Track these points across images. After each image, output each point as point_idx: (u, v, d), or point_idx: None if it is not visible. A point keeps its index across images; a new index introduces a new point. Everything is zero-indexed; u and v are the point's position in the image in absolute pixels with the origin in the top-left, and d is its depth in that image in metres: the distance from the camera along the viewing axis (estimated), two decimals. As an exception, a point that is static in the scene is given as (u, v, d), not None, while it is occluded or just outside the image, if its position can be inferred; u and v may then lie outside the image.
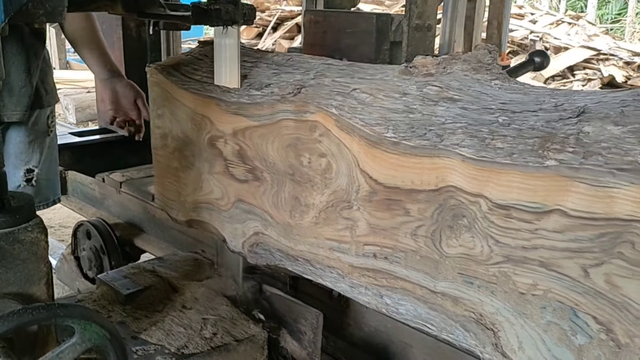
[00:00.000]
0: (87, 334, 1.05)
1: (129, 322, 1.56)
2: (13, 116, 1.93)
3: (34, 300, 1.14)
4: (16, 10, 1.01)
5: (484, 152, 1.12)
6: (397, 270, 1.29)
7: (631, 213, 0.96)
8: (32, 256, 1.13)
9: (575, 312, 1.05)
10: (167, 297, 1.68)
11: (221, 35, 1.52)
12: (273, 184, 1.47)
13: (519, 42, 9.98)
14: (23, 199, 1.16)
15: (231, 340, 1.52)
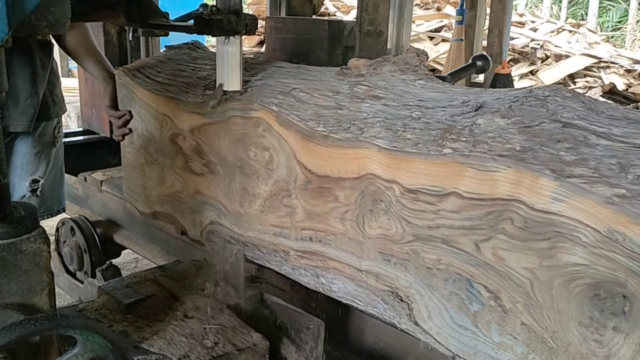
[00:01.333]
0: (89, 345, 1.07)
1: (130, 332, 1.57)
2: (19, 126, 1.95)
3: (36, 310, 1.15)
4: (20, 22, 1.02)
5: (396, 143, 1.28)
6: (329, 252, 1.45)
7: (510, 193, 1.12)
8: (35, 267, 1.13)
9: (470, 283, 1.21)
10: (169, 306, 1.69)
11: (223, 44, 1.58)
12: (225, 177, 1.63)
13: (519, 50, 10.10)
14: (26, 210, 1.17)
15: (233, 349, 1.52)
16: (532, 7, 12.51)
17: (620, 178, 1.02)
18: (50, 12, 1.08)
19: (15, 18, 1.01)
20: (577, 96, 1.22)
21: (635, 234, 0.99)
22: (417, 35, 10.45)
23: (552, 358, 1.12)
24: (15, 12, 1.00)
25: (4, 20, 0.99)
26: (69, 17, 1.13)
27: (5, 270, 1.11)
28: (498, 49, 7.56)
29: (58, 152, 2.13)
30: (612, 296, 1.03)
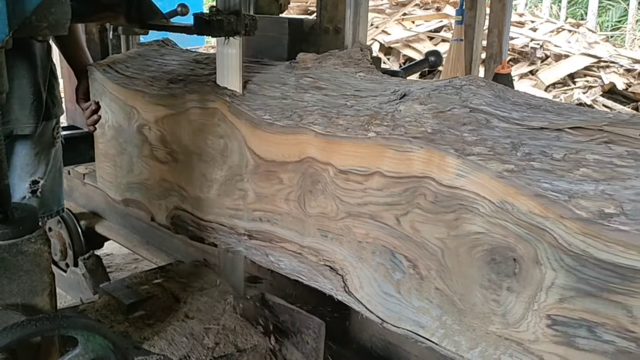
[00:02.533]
0: (90, 345, 1.09)
1: (131, 332, 1.59)
2: (25, 129, 1.97)
3: (37, 311, 1.16)
4: (20, 23, 1.03)
5: (330, 128, 1.44)
6: (276, 230, 1.62)
7: (422, 171, 1.29)
8: (36, 267, 1.15)
9: (393, 254, 1.37)
10: (170, 307, 1.71)
11: (223, 45, 1.61)
12: (187, 164, 1.80)
13: (519, 50, 10.23)
14: (26, 211, 1.19)
15: (234, 350, 1.55)
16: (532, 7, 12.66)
17: (511, 155, 1.19)
18: (51, 13, 1.10)
19: (16, 19, 1.02)
20: (490, 86, 1.38)
21: (521, 203, 1.15)
22: (417, 35, 10.61)
23: (461, 318, 1.28)
24: (15, 13, 1.02)
25: (4, 22, 1.01)
26: (69, 18, 1.15)
27: (6, 271, 1.12)
28: (498, 49, 7.68)
29: (57, 152, 2.16)
30: (505, 260, 1.19)
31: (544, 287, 1.13)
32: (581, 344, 1.11)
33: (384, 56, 10.54)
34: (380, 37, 10.64)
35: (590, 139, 1.15)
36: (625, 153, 1.11)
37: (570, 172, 1.12)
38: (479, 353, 1.26)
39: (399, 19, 11.02)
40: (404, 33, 10.76)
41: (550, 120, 1.23)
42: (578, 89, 9.45)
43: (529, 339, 1.17)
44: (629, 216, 1.03)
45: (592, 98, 9.13)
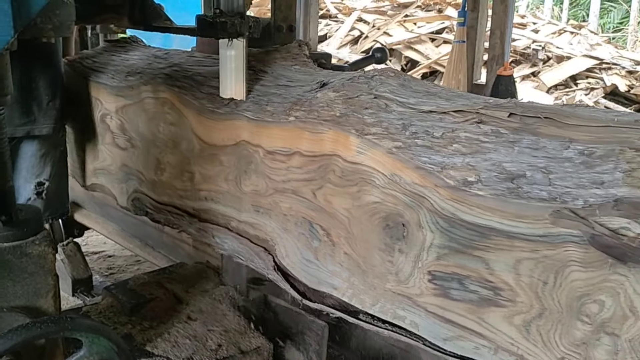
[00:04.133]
0: (95, 347, 1.10)
1: (134, 334, 1.61)
2: (44, 129, 2.04)
3: (41, 313, 1.17)
4: (25, 25, 1.04)
5: (259, 114, 1.68)
6: (219, 208, 1.85)
7: (332, 150, 1.52)
8: (40, 269, 1.16)
9: (311, 224, 1.60)
10: (173, 309, 1.74)
11: (226, 47, 1.65)
12: (143, 150, 2.04)
13: (521, 52, 10.41)
14: (31, 212, 1.21)
15: (236, 351, 1.58)
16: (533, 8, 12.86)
17: (401, 134, 1.42)
18: (55, 15, 1.13)
19: (21, 21, 1.04)
20: (397, 76, 1.61)
21: (406, 175, 1.37)
22: (419, 37, 10.81)
23: (365, 279, 1.50)
24: (20, 15, 1.03)
25: (9, 24, 1.02)
26: (73, 19, 1.19)
27: (10, 272, 1.13)
28: (500, 51, 7.86)
29: (63, 154, 2.20)
30: (396, 225, 1.41)
31: (425, 247, 1.36)
32: (454, 294, 1.33)
33: (386, 58, 10.73)
34: (382, 38, 10.84)
35: (464, 120, 1.38)
36: (490, 131, 1.33)
37: (445, 147, 1.35)
38: (379, 308, 1.48)
39: (400, 20, 11.21)
40: (405, 35, 10.95)
41: (438, 105, 1.45)
42: (580, 90, 9.62)
43: (415, 293, 1.40)
44: (484, 182, 1.25)
45: (594, 100, 9.30)
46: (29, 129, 2.03)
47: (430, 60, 10.25)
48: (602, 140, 1.20)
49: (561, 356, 1.18)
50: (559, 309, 1.17)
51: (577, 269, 1.14)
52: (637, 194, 1.08)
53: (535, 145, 1.26)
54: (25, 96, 1.98)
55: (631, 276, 1.07)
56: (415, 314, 1.41)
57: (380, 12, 11.68)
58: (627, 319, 1.09)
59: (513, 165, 1.24)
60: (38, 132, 2.06)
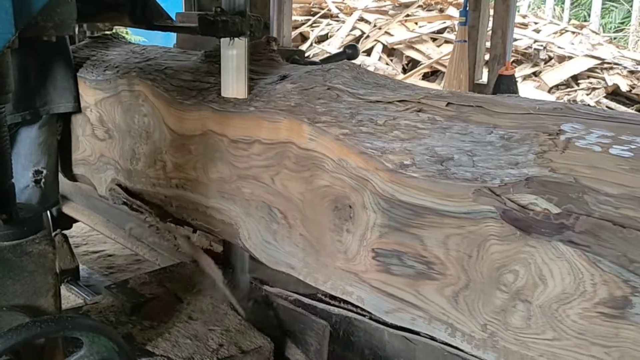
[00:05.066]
0: (95, 347, 1.11)
1: (135, 334, 1.63)
2: (60, 107, 2.16)
3: (41, 312, 1.18)
4: (26, 23, 1.05)
5: (224, 105, 1.82)
6: (188, 195, 1.99)
7: (287, 137, 1.66)
8: (40, 268, 1.17)
9: (270, 208, 1.74)
10: (173, 308, 1.77)
11: (227, 46, 1.67)
12: (120, 140, 2.19)
13: (522, 51, 10.53)
14: (31, 211, 1.22)
15: (237, 351, 1.59)
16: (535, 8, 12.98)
17: (348, 122, 1.56)
18: (57, 13, 1.14)
19: (22, 19, 1.04)
20: (352, 69, 1.75)
21: (352, 159, 1.51)
22: (420, 36, 10.94)
23: (318, 258, 1.64)
24: (21, 13, 1.04)
25: (10, 22, 1.03)
26: (74, 18, 1.20)
27: (10, 271, 1.14)
28: (501, 51, 7.98)
29: (58, 145, 2.30)
30: (344, 207, 1.55)
31: (369, 226, 1.50)
32: (394, 270, 1.46)
33: (387, 57, 10.88)
34: (383, 38, 10.98)
35: (405, 109, 1.51)
36: (427, 119, 1.47)
37: (386, 134, 1.49)
38: (330, 285, 1.62)
39: (402, 20, 11.34)
40: (407, 34, 11.07)
41: (384, 95, 1.59)
42: (581, 90, 9.73)
43: (361, 270, 1.53)
44: (418, 165, 1.39)
45: (596, 100, 9.41)
46: (48, 109, 2.15)
47: (432, 60, 10.38)
48: (521, 126, 1.34)
49: (484, 323, 1.31)
50: (482, 279, 1.31)
51: (495, 242, 1.28)
52: (545, 173, 1.22)
53: (464, 131, 1.39)
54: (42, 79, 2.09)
55: (539, 247, 1.21)
56: (361, 289, 1.54)
57: (381, 12, 11.81)
58: (538, 287, 1.22)
59: (443, 149, 1.38)
60: (55, 110, 2.19)
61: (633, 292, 1.11)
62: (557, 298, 1.20)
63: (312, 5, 12.50)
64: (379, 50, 10.89)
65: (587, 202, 1.16)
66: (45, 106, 2.18)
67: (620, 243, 1.09)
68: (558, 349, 1.21)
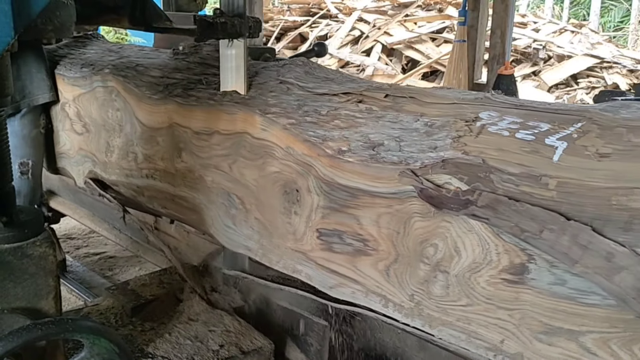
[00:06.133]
0: (96, 349, 1.13)
1: (135, 335, 1.67)
2: (40, 99, 2.30)
3: (42, 314, 1.20)
4: (25, 26, 1.06)
5: (188, 99, 1.99)
6: (157, 184, 2.16)
7: (242, 128, 1.83)
8: (41, 270, 1.19)
9: (229, 194, 1.90)
10: (174, 310, 1.81)
11: (226, 47, 1.73)
12: (96, 134, 2.37)
13: (522, 51, 10.66)
14: (31, 214, 1.25)
15: (238, 352, 1.62)
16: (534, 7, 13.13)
17: (295, 113, 1.72)
18: (56, 16, 1.16)
19: (21, 22, 1.06)
20: (305, 64, 1.92)
21: (298, 147, 1.68)
22: (419, 36, 11.09)
23: (271, 239, 1.81)
24: (20, 16, 1.05)
25: (9, 25, 1.04)
26: (74, 20, 1.23)
27: (11, 274, 1.17)
28: (501, 50, 8.11)
29: (41, 139, 2.42)
30: (292, 191, 1.72)
31: (314, 208, 1.66)
32: (336, 248, 1.63)
33: (386, 57, 11.04)
34: (383, 38, 11.12)
35: (347, 100, 1.68)
36: (365, 109, 1.64)
37: (328, 123, 1.65)
38: (282, 265, 1.79)
39: (401, 20, 11.49)
40: (406, 34, 11.21)
41: (330, 88, 1.76)
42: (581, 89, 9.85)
43: (308, 249, 1.70)
44: (353, 151, 1.56)
45: (595, 99, 9.52)
46: (28, 102, 2.29)
47: (431, 59, 10.51)
48: (444, 114, 1.50)
49: (411, 293, 1.48)
50: (408, 253, 1.47)
51: (418, 219, 1.44)
52: (459, 155, 1.38)
53: (395, 119, 1.56)
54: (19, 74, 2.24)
55: (454, 222, 1.37)
56: (308, 267, 1.71)
57: (380, 12, 11.96)
58: (454, 258, 1.38)
59: (376, 136, 1.55)
60: (36, 102, 2.33)
61: (529, 260, 1.27)
62: (469, 268, 1.36)
63: (311, 6, 12.67)
64: (378, 51, 11.02)
65: (492, 181, 1.32)
66: (24, 99, 2.35)
67: (513, 215, 1.25)
68: (471, 313, 1.37)
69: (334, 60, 10.95)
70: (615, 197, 1.18)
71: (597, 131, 1.29)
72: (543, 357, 1.27)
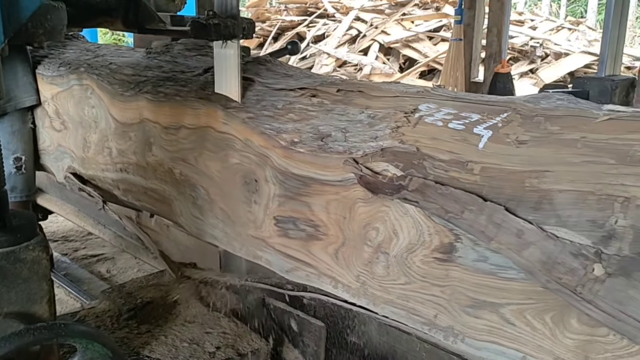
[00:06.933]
0: (89, 353, 1.14)
1: (132, 338, 1.68)
2: (26, 102, 2.43)
3: (36, 319, 1.21)
4: (16, 30, 1.08)
5: (156, 95, 2.13)
6: (130, 178, 2.30)
7: (206, 122, 1.96)
8: (34, 275, 1.20)
9: (196, 186, 2.04)
10: (170, 312, 1.82)
11: (220, 48, 1.77)
12: (73, 131, 2.51)
13: (519, 49, 10.77)
14: (24, 218, 1.25)
15: (234, 354, 1.63)
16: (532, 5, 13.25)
17: (254, 107, 1.86)
18: (47, 19, 1.17)
19: (12, 26, 1.08)
20: (267, 62, 2.05)
21: (255, 139, 1.81)
22: (417, 35, 11.21)
23: (234, 228, 1.94)
24: (10, 20, 1.07)
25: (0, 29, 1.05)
26: (65, 24, 1.24)
27: (4, 279, 1.17)
28: (497, 48, 8.24)
29: (32, 136, 2.56)
30: (252, 181, 1.85)
31: (271, 197, 1.79)
32: (292, 234, 1.76)
33: (384, 56, 11.16)
34: (380, 37, 11.24)
35: (302, 95, 1.81)
36: (317, 102, 1.77)
37: (283, 116, 1.79)
38: (245, 251, 1.92)
39: (398, 19, 11.61)
40: (403, 33, 11.33)
41: (288, 84, 1.89)
42: (579, 88, 9.92)
43: (267, 235, 1.83)
44: (304, 142, 1.69)
45: (593, 97, 9.62)
46: (14, 105, 2.40)
47: (428, 58, 10.63)
48: (387, 107, 1.63)
49: (357, 274, 1.61)
50: (354, 236, 1.60)
51: (362, 204, 1.57)
52: (396, 144, 1.51)
53: (343, 112, 1.69)
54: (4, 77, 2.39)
55: (392, 206, 1.50)
56: (268, 253, 1.84)
57: (378, 11, 12.09)
58: (392, 240, 1.51)
59: (324, 128, 1.68)
60: (22, 105, 2.45)
61: (456, 239, 1.40)
62: (406, 248, 1.49)
63: (309, 6, 12.81)
64: (375, 50, 11.14)
65: (425, 167, 1.45)
66: (10, 102, 2.49)
67: (438, 198, 1.38)
68: (409, 291, 1.50)
69: (331, 59, 11.09)
70: (528, 180, 1.31)
71: (519, 120, 1.42)
72: (470, 328, 1.40)
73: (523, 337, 1.31)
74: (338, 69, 10.81)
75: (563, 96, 1.45)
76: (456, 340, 1.43)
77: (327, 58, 11.09)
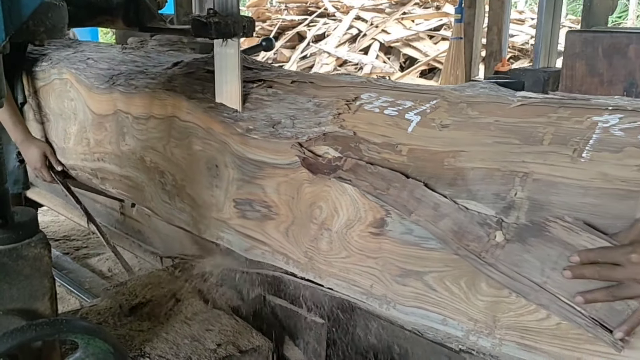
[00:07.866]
0: (90, 349, 1.16)
1: (133, 335, 1.71)
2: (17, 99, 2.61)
3: (38, 315, 1.23)
4: (17, 28, 1.09)
5: (128, 88, 2.31)
6: (107, 166, 2.48)
7: (172, 112, 2.14)
8: (36, 272, 1.21)
9: (164, 172, 2.21)
10: (171, 309, 1.85)
11: (220, 47, 1.80)
12: (54, 123, 2.69)
13: (519, 47, 10.91)
14: (26, 215, 1.26)
15: (235, 351, 1.65)
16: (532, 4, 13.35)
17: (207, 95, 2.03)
18: (48, 17, 1.18)
19: (12, 24, 1.07)
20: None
21: (216, 127, 1.99)
22: (417, 34, 11.35)
23: (200, 211, 2.11)
24: (12, 18, 1.07)
25: (0, 27, 1.06)
26: (66, 22, 1.25)
27: (6, 276, 1.19)
28: (497, 47, 8.37)
29: None
30: (213, 167, 2.03)
31: (230, 181, 1.97)
32: (249, 215, 1.93)
33: (384, 55, 11.31)
34: (380, 36, 11.38)
35: (259, 85, 1.99)
36: (272, 93, 1.95)
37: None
38: (209, 233, 2.09)
39: (398, 18, 11.76)
40: (404, 32, 11.46)
41: (247, 76, 2.07)
42: (579, 86, 10.04)
43: (227, 217, 2.00)
44: (257, 129, 1.87)
45: (593, 96, 9.73)
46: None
47: (429, 57, 10.77)
48: (332, 96, 1.81)
49: (305, 250, 1.77)
50: (301, 215, 1.77)
51: (307, 185, 1.74)
52: (337, 129, 1.69)
53: (293, 100, 1.87)
54: None
55: (332, 186, 1.67)
56: (229, 234, 2.01)
57: (378, 10, 12.22)
58: (334, 217, 1.68)
59: (276, 115, 1.85)
60: None
61: (387, 214, 1.56)
62: (345, 224, 1.66)
63: (309, 5, 12.97)
64: (376, 49, 11.28)
65: (360, 150, 1.62)
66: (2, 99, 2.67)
67: (368, 176, 1.55)
68: (349, 264, 1.67)
69: (331, 59, 11.25)
70: (447, 159, 1.47)
71: (446, 106, 1.59)
72: (400, 296, 1.56)
73: (443, 301, 1.47)
74: (339, 68, 10.95)
75: (486, 85, 1.62)
76: (389, 307, 1.59)
77: (328, 57, 11.25)
